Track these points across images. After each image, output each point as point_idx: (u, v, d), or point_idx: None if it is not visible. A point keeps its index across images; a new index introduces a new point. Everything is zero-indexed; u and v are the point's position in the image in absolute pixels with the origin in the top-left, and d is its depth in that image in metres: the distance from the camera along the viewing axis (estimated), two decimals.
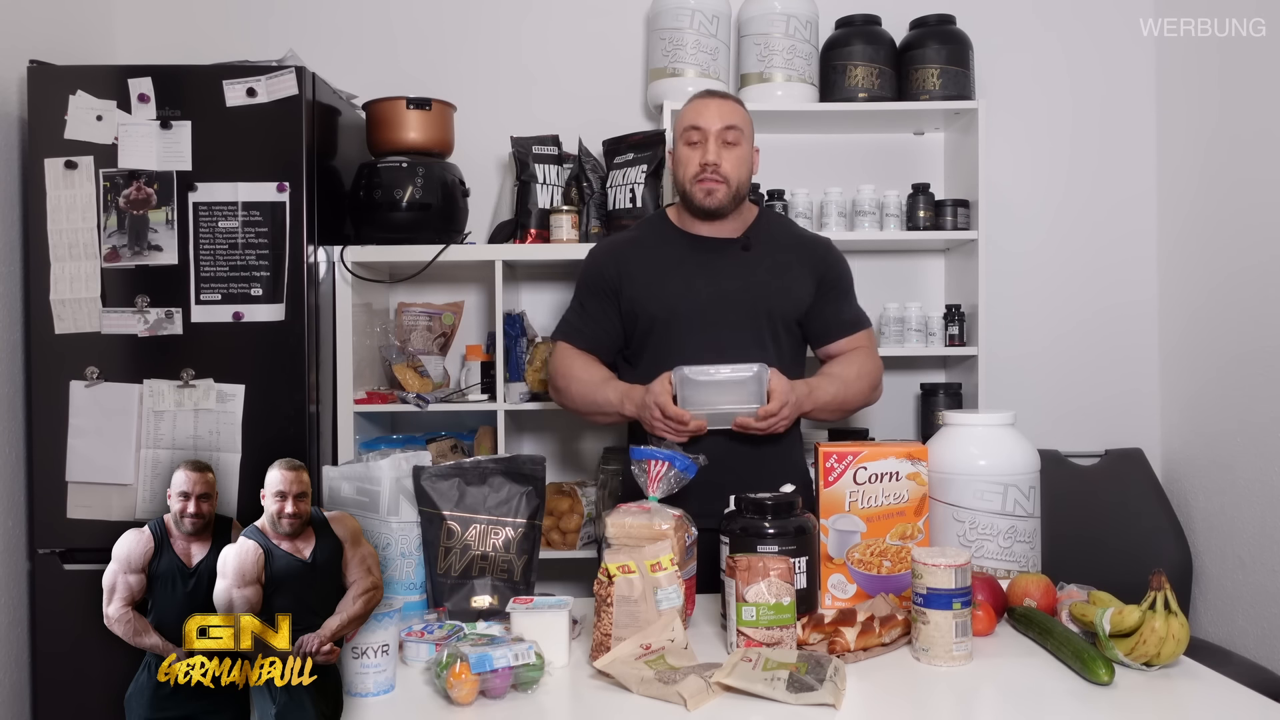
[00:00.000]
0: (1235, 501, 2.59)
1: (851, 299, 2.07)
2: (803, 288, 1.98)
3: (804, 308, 1.98)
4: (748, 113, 2.00)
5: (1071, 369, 2.97)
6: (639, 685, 1.28)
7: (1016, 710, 1.29)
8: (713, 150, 1.91)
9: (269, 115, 2.29)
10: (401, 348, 2.67)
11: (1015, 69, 2.96)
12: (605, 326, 2.00)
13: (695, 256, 1.97)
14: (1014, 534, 1.68)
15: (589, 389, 1.94)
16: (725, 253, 1.97)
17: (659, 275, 1.96)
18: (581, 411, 1.99)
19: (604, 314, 1.99)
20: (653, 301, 1.94)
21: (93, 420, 2.26)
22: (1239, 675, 1.37)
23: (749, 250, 1.97)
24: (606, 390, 1.91)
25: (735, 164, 1.92)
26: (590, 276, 2.02)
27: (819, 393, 1.88)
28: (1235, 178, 2.59)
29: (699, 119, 1.93)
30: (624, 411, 1.88)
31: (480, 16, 2.95)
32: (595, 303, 2.00)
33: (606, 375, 1.96)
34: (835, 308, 2.02)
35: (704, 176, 1.91)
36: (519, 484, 1.63)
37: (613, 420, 1.96)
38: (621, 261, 1.99)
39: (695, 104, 1.97)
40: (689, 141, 1.94)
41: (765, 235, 2.00)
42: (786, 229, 2.09)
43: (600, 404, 1.92)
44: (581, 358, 1.99)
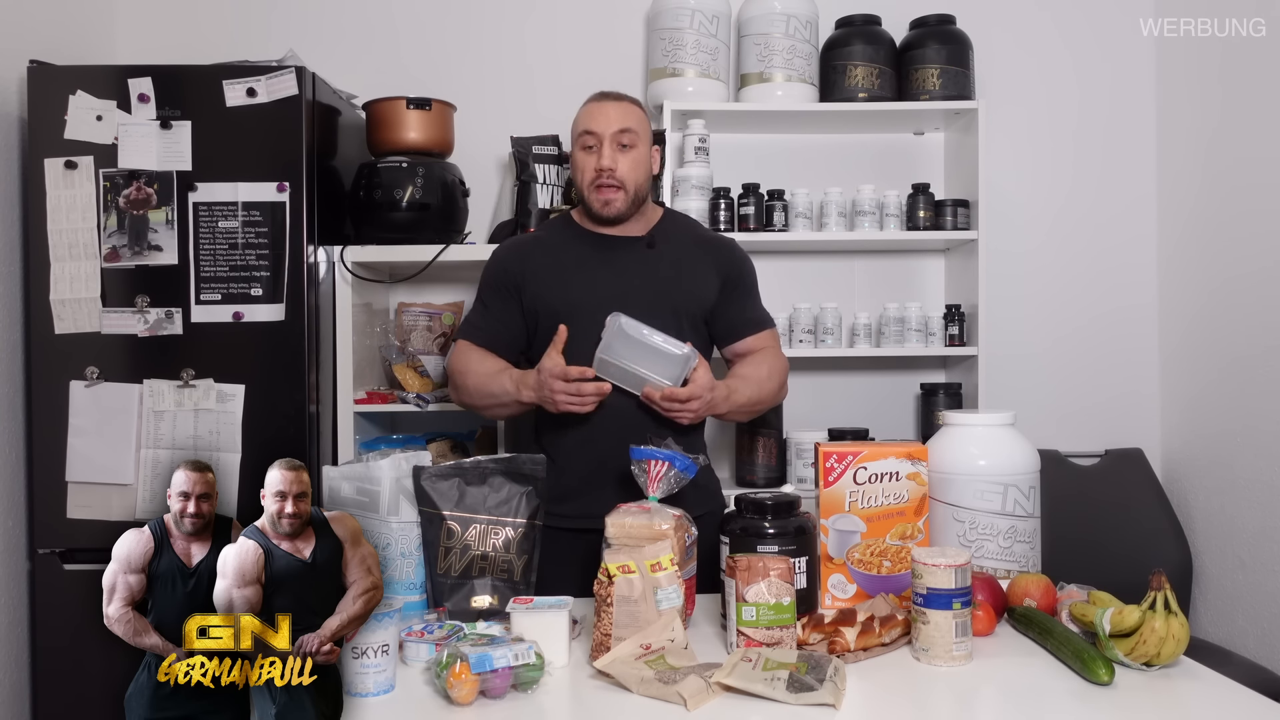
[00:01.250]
0: (1235, 501, 2.59)
1: (756, 298, 2.06)
2: (707, 286, 1.97)
3: (709, 306, 1.98)
4: (645, 113, 1.98)
5: (1072, 369, 2.97)
6: (639, 685, 1.28)
7: (1016, 710, 1.29)
8: (607, 155, 1.89)
9: (269, 115, 2.29)
10: (401, 348, 2.67)
11: (1015, 69, 2.96)
12: (506, 324, 1.97)
13: (599, 254, 1.95)
14: (1014, 534, 1.67)
15: (483, 380, 1.91)
16: (629, 250, 1.96)
17: (562, 272, 1.94)
18: (478, 406, 1.96)
19: (506, 312, 1.97)
20: (555, 298, 1.92)
21: (93, 420, 2.26)
22: (1239, 675, 1.37)
23: (653, 248, 1.96)
24: (502, 379, 1.89)
25: (631, 167, 1.90)
26: (493, 275, 2.00)
27: (737, 395, 1.88)
28: (1235, 179, 2.59)
29: (592, 123, 1.91)
30: (521, 398, 1.85)
31: (481, 16, 2.95)
32: (497, 301, 1.98)
33: (502, 366, 1.94)
34: (739, 307, 2.01)
35: (600, 182, 1.89)
36: (519, 484, 1.63)
37: (510, 411, 1.94)
38: (525, 259, 1.97)
39: (589, 108, 1.95)
40: (584, 146, 1.92)
41: (669, 234, 2.00)
42: (690, 229, 2.08)
43: (496, 394, 1.89)
44: (478, 352, 1.96)
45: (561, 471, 1.88)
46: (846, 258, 2.97)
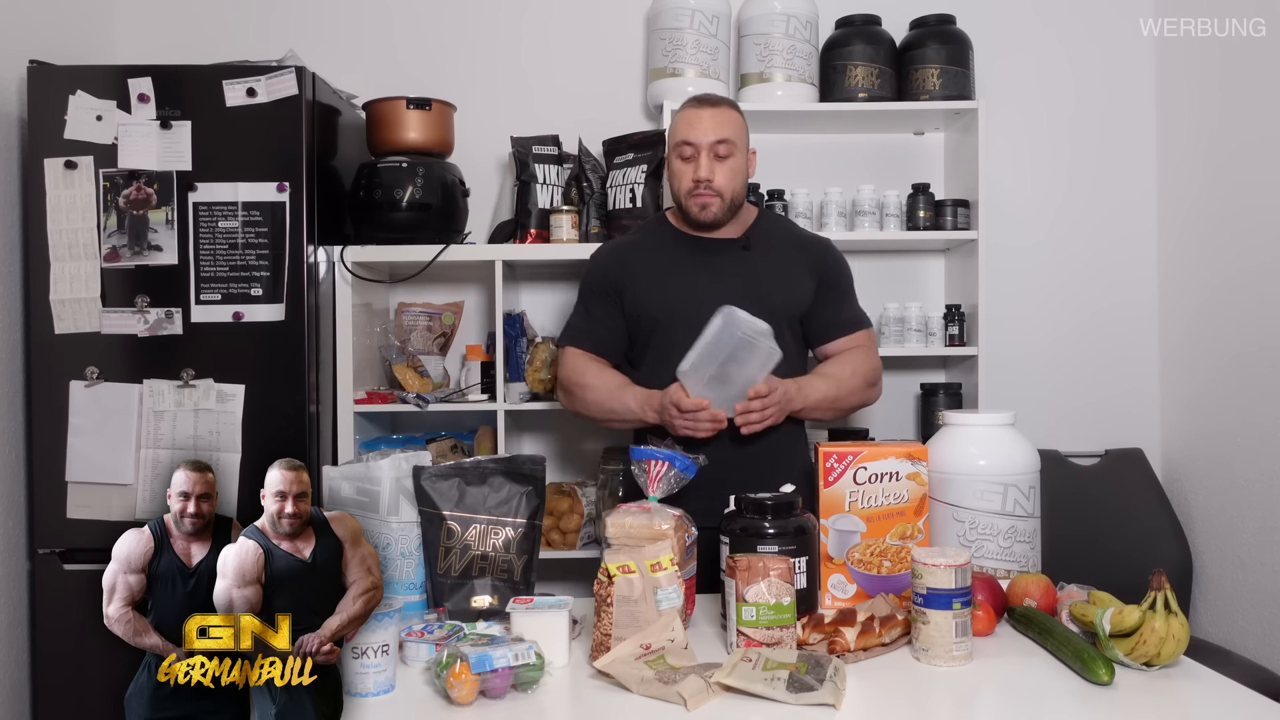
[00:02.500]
0: (1235, 501, 2.59)
1: (851, 299, 2.07)
2: (803, 287, 1.98)
3: (805, 307, 1.99)
4: (742, 116, 1.99)
5: (1071, 369, 2.97)
6: (639, 685, 1.28)
7: (1016, 710, 1.29)
8: (705, 166, 1.90)
9: (269, 115, 2.29)
10: (401, 348, 2.67)
11: (1015, 69, 2.96)
12: (611, 329, 1.99)
13: (696, 257, 1.97)
14: (1014, 534, 1.68)
15: (605, 396, 1.93)
16: (726, 253, 1.97)
17: (660, 276, 1.96)
18: (597, 418, 1.98)
19: (609, 317, 1.99)
20: (655, 303, 1.94)
21: (93, 420, 2.26)
22: (1239, 675, 1.37)
23: (749, 250, 1.98)
24: (625, 397, 1.90)
25: (729, 176, 1.92)
26: (594, 280, 2.02)
27: (809, 390, 1.88)
28: (1235, 178, 2.59)
29: (690, 133, 1.92)
30: (645, 419, 1.87)
31: (480, 16, 2.95)
32: (600, 306, 2.00)
33: (623, 381, 1.95)
34: (834, 308, 2.02)
35: (698, 192, 1.91)
36: (519, 484, 1.63)
37: (630, 426, 1.96)
38: (624, 264, 2.00)
39: (687, 115, 1.95)
40: (682, 156, 1.93)
41: (765, 235, 2.01)
42: (786, 229, 2.10)
43: (619, 411, 1.92)
44: (594, 363, 1.98)
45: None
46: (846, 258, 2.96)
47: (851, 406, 2.02)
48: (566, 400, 2.03)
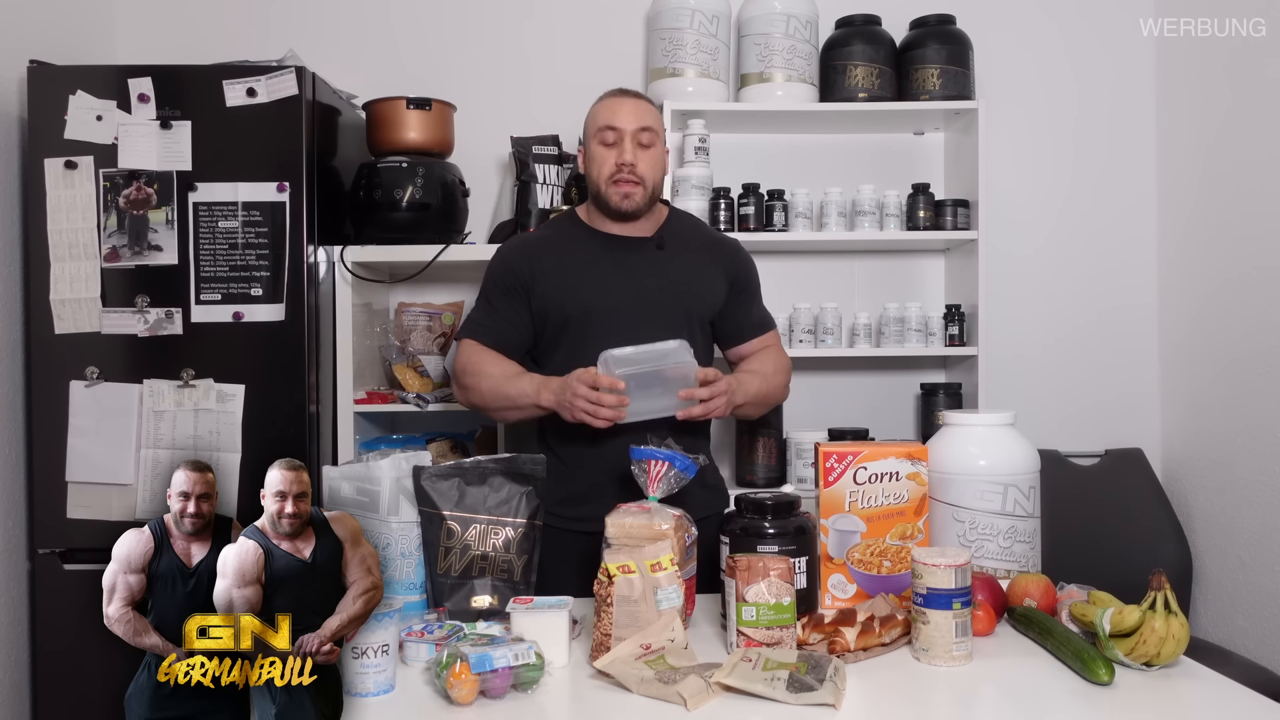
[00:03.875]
0: (1235, 501, 2.59)
1: (760, 300, 2.07)
2: (716, 288, 1.98)
3: (717, 308, 1.98)
4: (660, 113, 1.99)
5: (1072, 369, 2.97)
6: (639, 685, 1.28)
7: (1016, 710, 1.29)
8: (629, 151, 1.88)
9: (269, 115, 2.29)
10: (401, 348, 2.67)
11: (1015, 69, 2.96)
12: (515, 325, 1.95)
13: (610, 255, 1.94)
14: (1014, 534, 1.67)
15: (499, 383, 1.88)
16: (639, 251, 1.95)
17: (573, 273, 1.92)
18: (490, 408, 1.93)
19: (514, 313, 1.94)
20: (567, 300, 1.90)
21: (93, 420, 2.26)
22: (1239, 675, 1.37)
23: (663, 249, 1.96)
24: (520, 383, 1.86)
25: (650, 165, 1.90)
26: (500, 275, 1.97)
27: (747, 385, 1.89)
28: (1236, 179, 2.59)
29: (614, 119, 1.90)
30: (541, 402, 1.82)
31: (481, 16, 2.95)
32: (505, 301, 1.95)
33: (518, 369, 1.92)
34: (746, 309, 2.03)
35: (620, 177, 1.88)
36: (519, 484, 1.62)
37: (524, 415, 1.90)
38: (534, 260, 1.95)
39: (609, 102, 1.94)
40: (603, 142, 1.91)
41: (677, 235, 1.99)
42: (697, 229, 2.08)
43: (514, 397, 1.86)
44: (489, 354, 1.93)
45: (570, 476, 1.88)
46: (846, 258, 2.97)
47: (774, 403, 2.06)
48: (459, 393, 1.97)
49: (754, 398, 1.92)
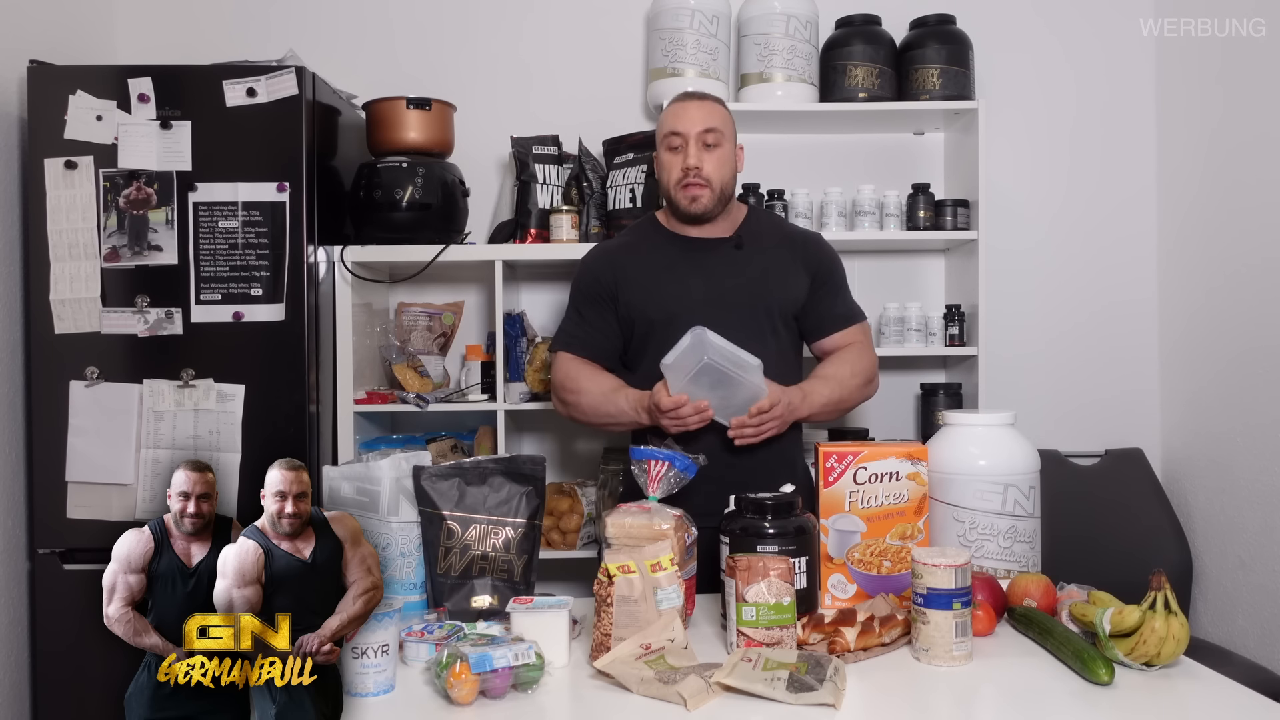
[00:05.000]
0: (1235, 501, 2.59)
1: (845, 293, 2.06)
2: (797, 283, 1.98)
3: (800, 303, 1.98)
4: (729, 111, 1.99)
5: (1071, 369, 2.97)
6: (639, 685, 1.28)
7: (1016, 710, 1.29)
8: (693, 154, 1.89)
9: (269, 115, 2.29)
10: (401, 348, 2.67)
11: (1015, 69, 2.96)
12: (605, 333, 1.98)
13: (689, 258, 1.96)
14: (1014, 534, 1.68)
15: (600, 400, 1.91)
16: (718, 252, 1.96)
17: (654, 278, 1.95)
18: (593, 423, 1.96)
19: (603, 321, 1.98)
20: (650, 305, 1.93)
21: (93, 420, 2.26)
22: (1239, 675, 1.37)
23: (741, 249, 1.97)
24: (618, 399, 1.89)
25: (717, 166, 1.91)
26: (586, 284, 2.00)
27: (814, 396, 1.88)
28: (1235, 178, 2.59)
29: (678, 123, 1.92)
30: (640, 420, 1.86)
31: (480, 16, 2.95)
32: (593, 310, 1.98)
33: (617, 384, 1.93)
34: (829, 302, 2.01)
35: (687, 181, 1.90)
36: (519, 484, 1.63)
37: (625, 429, 1.95)
38: (617, 267, 1.98)
39: (674, 108, 1.96)
40: (670, 147, 1.93)
41: (756, 233, 2.00)
42: (776, 226, 2.09)
43: (614, 414, 1.90)
44: (587, 367, 1.97)
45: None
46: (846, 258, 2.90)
47: (852, 406, 2.01)
48: (561, 407, 2.01)
49: (823, 407, 1.90)
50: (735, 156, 1.98)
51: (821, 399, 1.89)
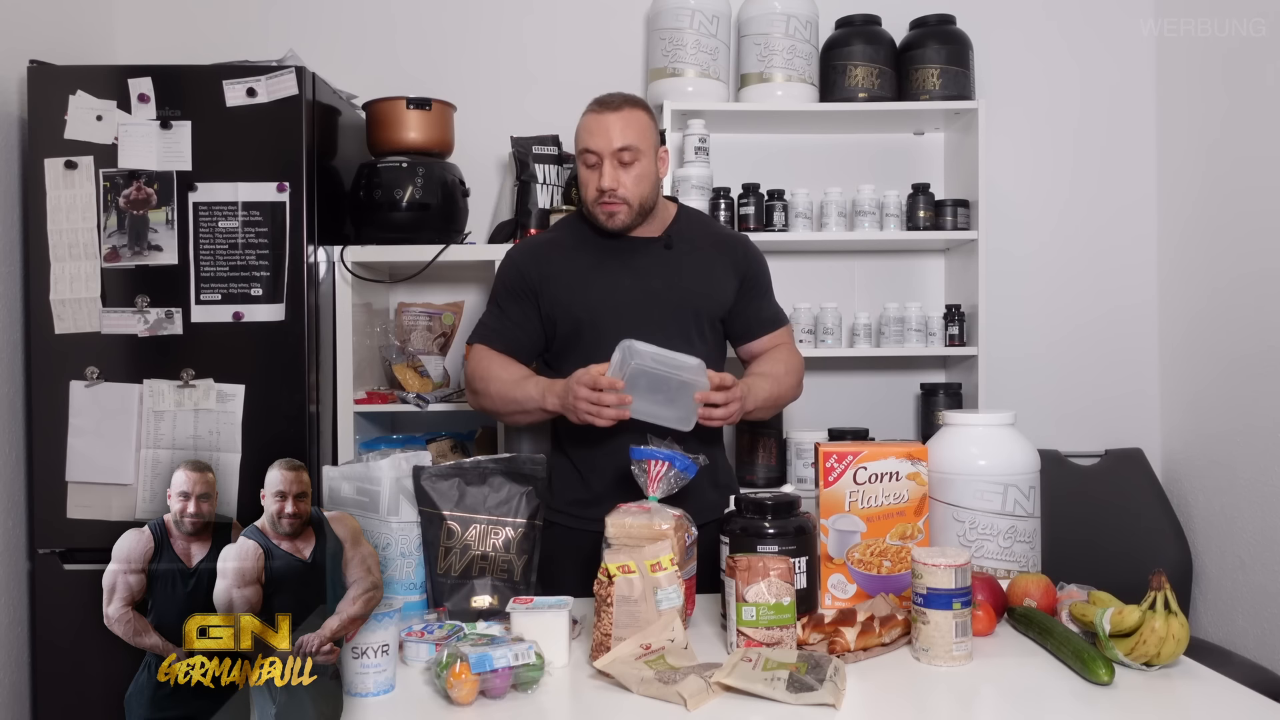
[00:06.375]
0: (1235, 501, 2.59)
1: (771, 296, 2.06)
2: (726, 286, 1.97)
3: (727, 306, 1.97)
4: (649, 115, 1.91)
5: (1072, 369, 2.97)
6: (639, 685, 1.28)
7: (1016, 710, 1.29)
8: (609, 175, 1.84)
9: (269, 115, 2.29)
10: (401, 348, 2.67)
11: (1015, 69, 2.96)
12: (525, 329, 1.94)
13: (617, 257, 1.93)
14: (1014, 534, 1.67)
15: (507, 387, 1.88)
16: (647, 252, 1.94)
17: (581, 276, 1.91)
18: (500, 412, 1.93)
19: (524, 317, 1.94)
20: (576, 303, 1.90)
21: (93, 420, 2.26)
22: (1239, 675, 1.37)
23: (671, 249, 1.95)
24: (526, 386, 1.85)
25: (635, 183, 1.86)
26: (510, 278, 1.96)
27: (756, 391, 1.86)
28: (1236, 179, 2.59)
29: (591, 140, 1.85)
30: (545, 405, 1.81)
31: (481, 16, 2.95)
32: (515, 306, 1.95)
33: (526, 373, 1.91)
34: (757, 305, 2.01)
35: (603, 201, 1.86)
36: (519, 484, 1.63)
37: (533, 419, 1.90)
38: (542, 263, 1.95)
39: (587, 121, 1.88)
40: (586, 164, 1.88)
41: (686, 234, 1.98)
42: (706, 227, 2.07)
43: (520, 400, 1.86)
44: (499, 358, 1.93)
45: (584, 478, 1.89)
46: (846, 258, 2.97)
47: (785, 404, 2.03)
48: (472, 398, 1.97)
49: (764, 402, 1.90)
50: (656, 167, 1.91)
51: (763, 394, 1.88)
